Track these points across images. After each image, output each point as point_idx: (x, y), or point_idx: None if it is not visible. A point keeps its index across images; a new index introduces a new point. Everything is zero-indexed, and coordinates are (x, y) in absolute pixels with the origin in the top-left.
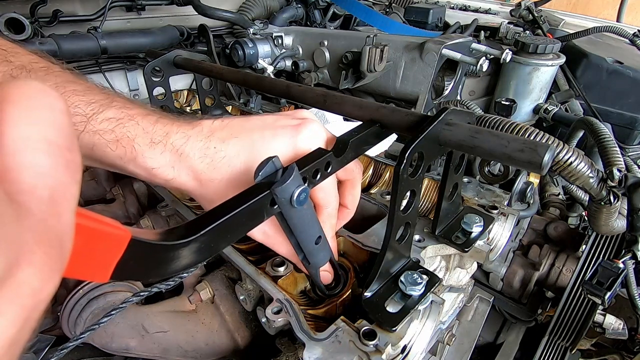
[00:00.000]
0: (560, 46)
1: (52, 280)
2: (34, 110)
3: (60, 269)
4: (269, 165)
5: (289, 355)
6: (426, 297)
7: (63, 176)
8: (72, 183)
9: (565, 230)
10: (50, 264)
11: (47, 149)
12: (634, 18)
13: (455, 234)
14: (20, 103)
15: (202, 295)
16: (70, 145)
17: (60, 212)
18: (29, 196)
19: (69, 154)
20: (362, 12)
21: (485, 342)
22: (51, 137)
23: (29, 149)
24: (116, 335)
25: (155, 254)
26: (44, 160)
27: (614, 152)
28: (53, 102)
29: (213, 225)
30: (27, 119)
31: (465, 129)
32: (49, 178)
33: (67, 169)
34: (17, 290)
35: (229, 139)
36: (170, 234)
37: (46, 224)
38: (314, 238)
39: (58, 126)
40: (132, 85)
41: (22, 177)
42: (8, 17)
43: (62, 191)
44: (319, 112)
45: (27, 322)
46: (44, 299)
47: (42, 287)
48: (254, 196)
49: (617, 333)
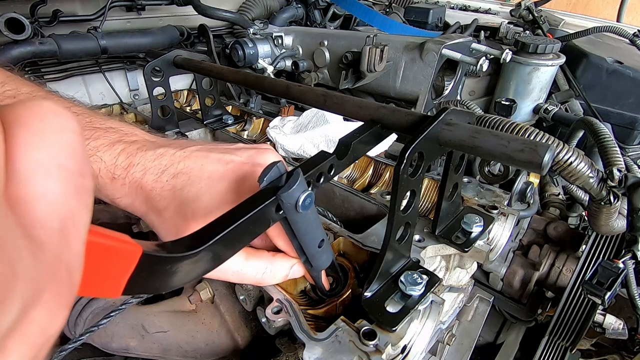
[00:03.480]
0: (560, 46)
1: (60, 316)
2: (45, 134)
3: (69, 303)
4: (274, 170)
5: (289, 355)
6: (426, 297)
7: (74, 203)
8: (82, 210)
9: (565, 230)
10: (59, 300)
11: (59, 174)
12: (634, 18)
13: (455, 234)
14: (32, 125)
15: (202, 295)
16: (82, 169)
17: (70, 242)
18: (41, 229)
19: (80, 179)
20: (362, 12)
21: (485, 342)
22: (62, 161)
23: (40, 175)
24: (116, 335)
25: (167, 266)
26: (55, 187)
27: (614, 152)
28: (65, 122)
29: (222, 234)
30: (39, 142)
31: (465, 129)
32: (60, 207)
33: (79, 195)
34: (27, 329)
35: (183, 173)
36: (180, 245)
37: (58, 259)
38: (317, 241)
39: (70, 149)
40: (132, 85)
41: (34, 208)
42: (8, 17)
43: (73, 219)
44: (319, 112)
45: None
46: (52, 335)
47: (51, 325)
48: (261, 202)
49: (617, 333)
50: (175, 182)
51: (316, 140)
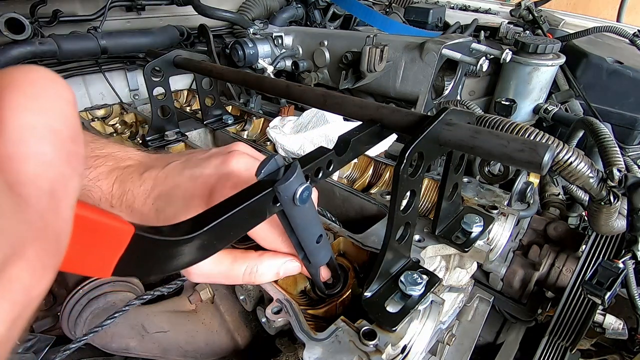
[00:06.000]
0: (560, 46)
1: (44, 278)
2: (39, 98)
3: (54, 267)
4: (271, 163)
5: (289, 355)
6: (426, 297)
7: (66, 168)
8: (73, 176)
9: (565, 230)
10: (44, 261)
11: (52, 138)
12: (634, 18)
13: (455, 234)
14: (25, 89)
15: (202, 295)
16: (75, 136)
17: (59, 206)
18: (29, 188)
19: (74, 145)
20: (362, 12)
21: (485, 342)
22: (56, 126)
23: (33, 137)
24: (116, 335)
25: (158, 249)
26: (48, 150)
27: (614, 152)
28: (60, 90)
29: (216, 222)
30: (32, 105)
31: (465, 129)
32: (51, 170)
33: (70, 161)
34: (9, 287)
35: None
36: (173, 229)
37: (44, 219)
38: (316, 237)
39: (64, 116)
40: (132, 85)
41: (23, 167)
42: (8, 17)
43: (63, 184)
44: (319, 112)
45: (17, 321)
46: (35, 297)
47: (34, 285)
48: (257, 193)
49: (617, 333)
50: (158, 205)
51: (316, 140)
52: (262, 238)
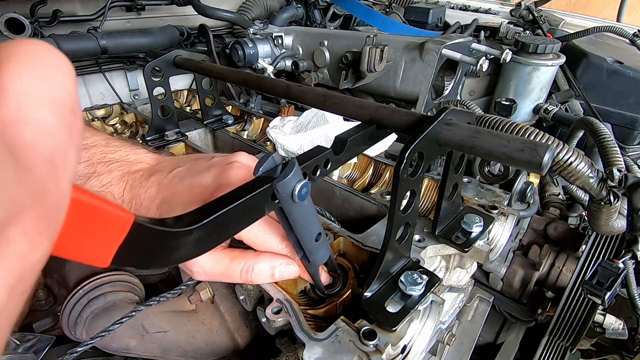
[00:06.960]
0: (560, 46)
1: (41, 246)
2: (39, 68)
3: (51, 236)
4: (269, 161)
5: (289, 355)
6: (426, 297)
7: (66, 138)
8: (72, 147)
9: (565, 230)
10: (41, 227)
11: (52, 107)
12: (634, 18)
13: (455, 234)
14: (25, 59)
15: (202, 295)
16: (74, 107)
17: (58, 175)
18: (30, 153)
19: (73, 117)
20: (362, 12)
21: (485, 342)
22: (57, 96)
23: (34, 104)
24: (116, 335)
25: (157, 240)
26: (48, 118)
27: (614, 152)
28: (60, 62)
29: (215, 215)
30: (32, 74)
31: (465, 129)
32: (51, 137)
33: (70, 132)
34: (4, 250)
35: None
36: (172, 221)
37: (43, 185)
38: (314, 235)
39: (63, 87)
40: (132, 85)
41: (23, 132)
42: (8, 17)
43: (63, 153)
44: (319, 112)
45: (14, 292)
46: (31, 266)
47: (30, 252)
48: (255, 189)
49: (617, 333)
50: (160, 211)
51: (316, 140)
52: (252, 241)
